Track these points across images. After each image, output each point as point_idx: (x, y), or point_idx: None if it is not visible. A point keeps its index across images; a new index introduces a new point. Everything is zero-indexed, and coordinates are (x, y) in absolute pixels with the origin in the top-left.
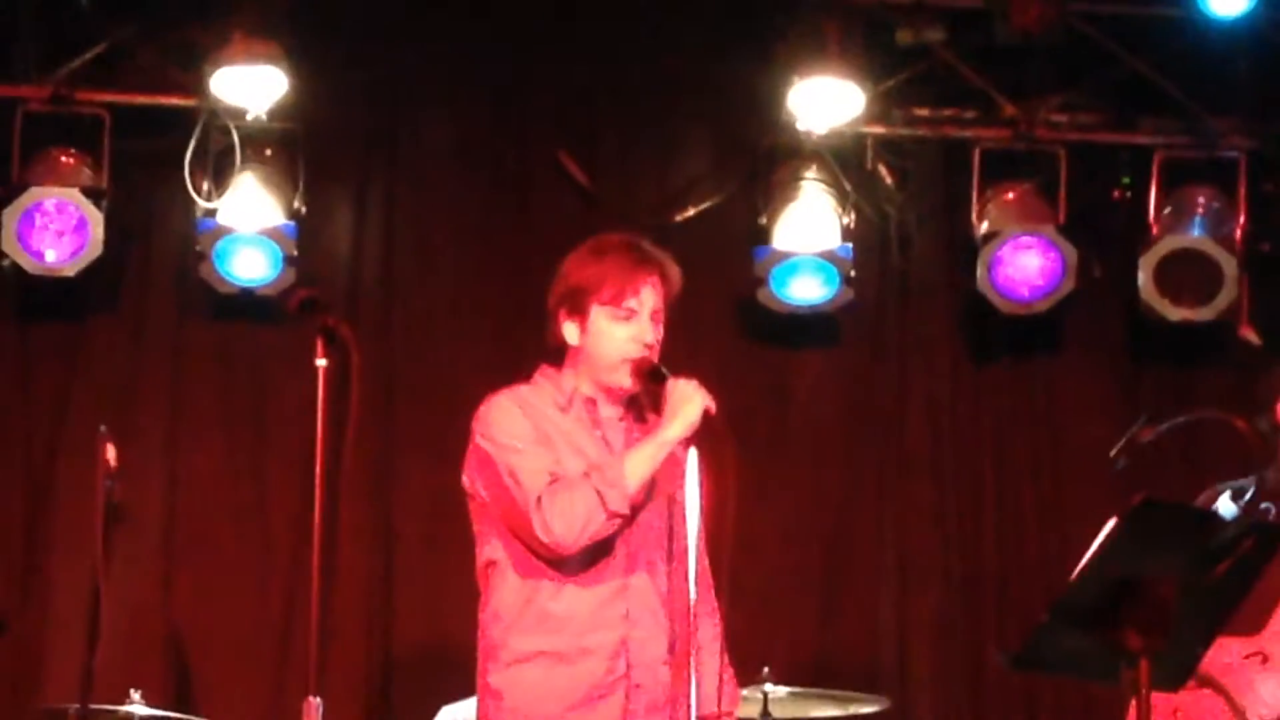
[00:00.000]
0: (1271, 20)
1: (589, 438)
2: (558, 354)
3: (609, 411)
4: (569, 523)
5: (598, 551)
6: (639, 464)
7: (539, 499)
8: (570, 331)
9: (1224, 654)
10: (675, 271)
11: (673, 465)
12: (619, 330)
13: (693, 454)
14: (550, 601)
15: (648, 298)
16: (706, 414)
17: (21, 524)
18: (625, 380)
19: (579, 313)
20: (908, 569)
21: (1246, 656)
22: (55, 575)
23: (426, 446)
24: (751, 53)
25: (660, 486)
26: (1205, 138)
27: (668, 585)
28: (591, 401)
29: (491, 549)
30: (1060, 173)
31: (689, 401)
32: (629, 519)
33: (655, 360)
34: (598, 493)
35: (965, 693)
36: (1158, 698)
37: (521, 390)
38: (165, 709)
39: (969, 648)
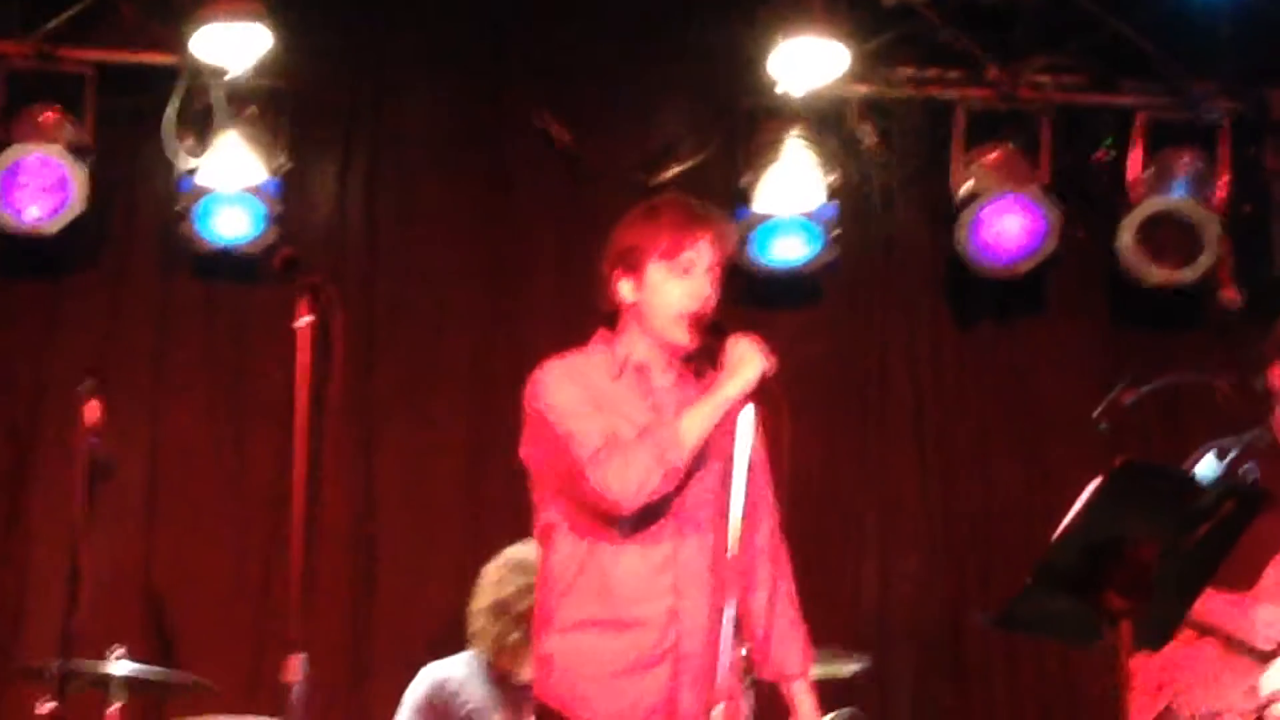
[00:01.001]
0: None
1: (640, 406)
2: (612, 318)
3: (662, 380)
4: (626, 479)
5: (651, 515)
6: (696, 421)
7: (596, 456)
8: (626, 289)
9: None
10: (730, 230)
11: (728, 429)
12: (676, 285)
13: (748, 412)
14: (603, 565)
15: (704, 252)
16: (764, 375)
17: (3, 481)
18: (683, 336)
19: (635, 270)
20: (888, 529)
21: None
22: (36, 532)
23: (408, 405)
24: (734, 13)
25: (714, 450)
26: (1188, 100)
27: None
28: (643, 369)
29: (548, 514)
30: (1043, 134)
31: (747, 361)
32: (686, 479)
33: (718, 319)
34: (655, 449)
35: (945, 652)
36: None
37: (573, 358)
38: (147, 665)
39: (949, 607)
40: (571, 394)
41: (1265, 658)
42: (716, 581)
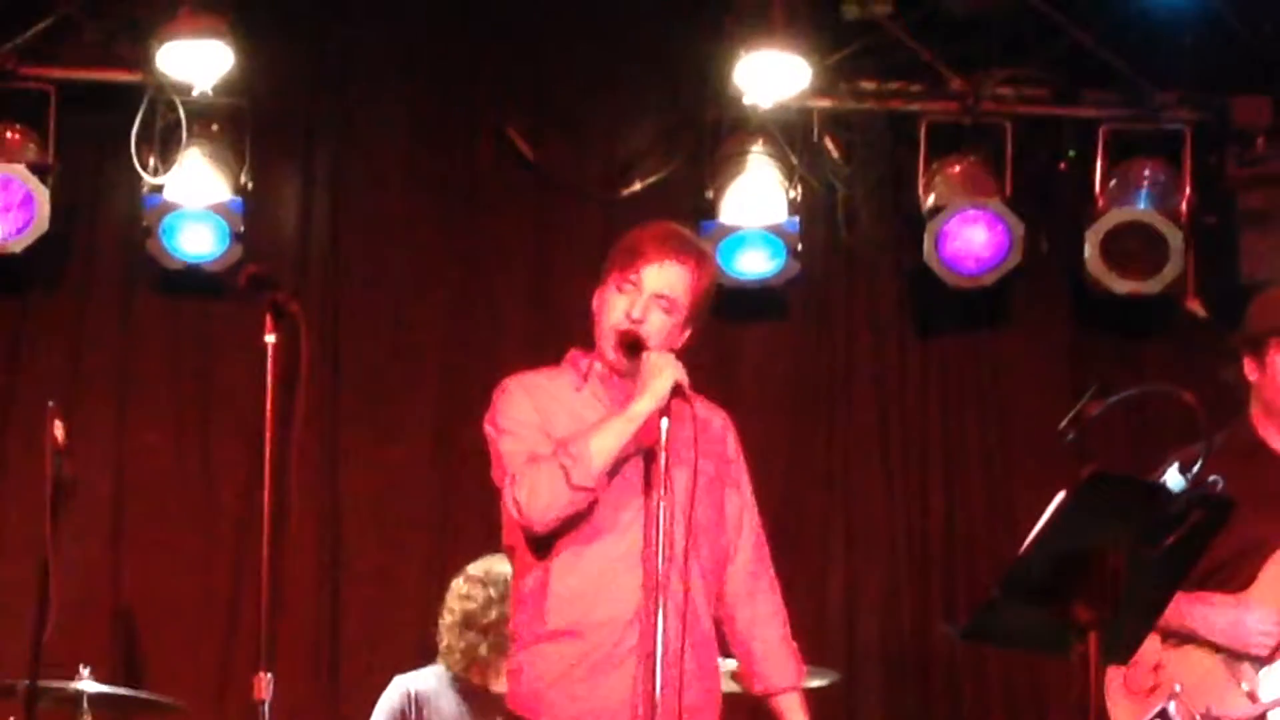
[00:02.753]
0: None
1: (601, 414)
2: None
3: (626, 388)
4: (535, 500)
5: (602, 528)
6: (606, 439)
7: (513, 478)
8: (596, 299)
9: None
10: (704, 272)
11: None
12: (618, 301)
13: (664, 425)
14: (562, 577)
15: (655, 278)
16: (678, 386)
17: None
18: (610, 352)
19: (603, 280)
20: (855, 543)
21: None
22: (3, 551)
23: (374, 422)
24: (698, 26)
25: (675, 454)
26: (1150, 110)
27: (684, 556)
28: (606, 377)
29: (510, 536)
30: (1006, 146)
31: (658, 374)
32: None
33: (640, 336)
34: (562, 468)
35: (913, 666)
36: (1144, 655)
37: (533, 375)
38: (115, 685)
39: (917, 621)
40: (518, 413)
41: (1260, 662)
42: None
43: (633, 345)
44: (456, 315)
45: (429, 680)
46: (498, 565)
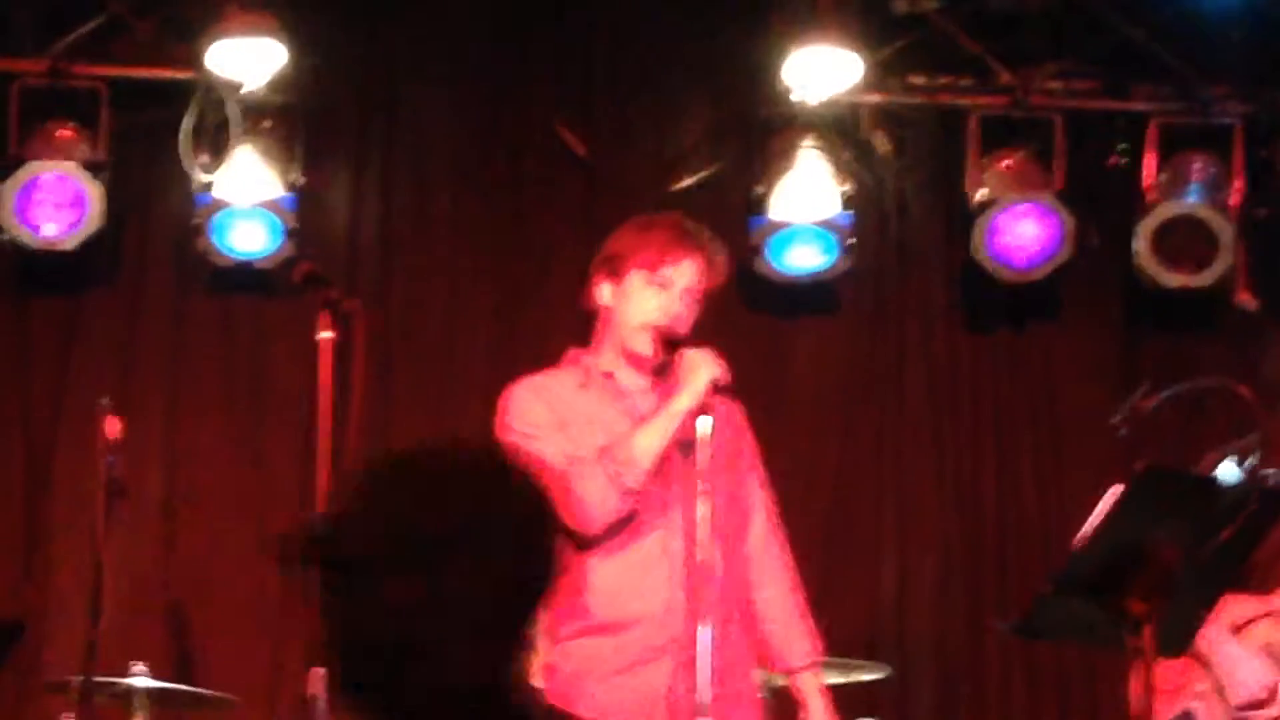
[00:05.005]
0: None
1: (612, 411)
2: (585, 331)
3: (636, 382)
4: (586, 507)
5: (633, 523)
6: (649, 438)
7: (558, 484)
8: (603, 292)
9: (1233, 613)
10: (721, 262)
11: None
12: (650, 297)
13: (704, 422)
14: (594, 575)
15: (685, 273)
16: (716, 383)
17: (22, 499)
18: (645, 347)
19: (616, 275)
20: (907, 537)
21: (1255, 618)
22: (56, 549)
23: (425, 417)
24: (747, 22)
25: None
26: (1201, 104)
27: (720, 551)
28: (610, 376)
29: None
30: (1056, 140)
31: (696, 371)
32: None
33: (678, 332)
34: (610, 474)
35: (966, 660)
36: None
37: (538, 377)
38: (168, 680)
39: (969, 614)
40: (534, 416)
41: None
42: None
43: (672, 342)
44: (507, 312)
45: None
46: None
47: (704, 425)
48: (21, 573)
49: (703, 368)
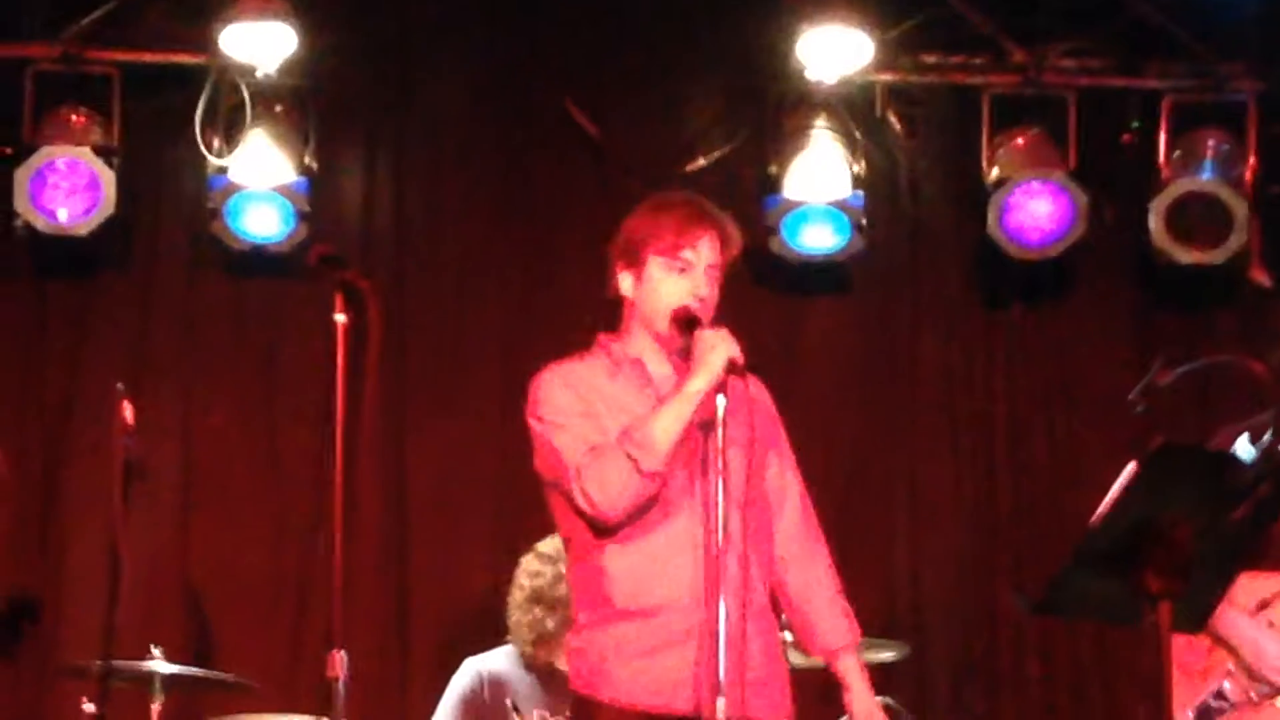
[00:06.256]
0: None
1: (639, 399)
2: (599, 311)
3: (663, 369)
4: (607, 492)
5: (658, 508)
6: (666, 421)
7: (578, 471)
8: (625, 283)
9: (1252, 591)
10: (735, 233)
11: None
12: (673, 282)
13: (720, 401)
14: (619, 562)
15: (704, 252)
16: (733, 363)
17: (39, 483)
18: (665, 329)
19: (635, 264)
20: (921, 515)
21: (1275, 595)
22: (73, 533)
23: (440, 399)
24: (759, 2)
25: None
26: (1213, 80)
27: (741, 532)
28: (638, 363)
29: (565, 524)
30: (1069, 118)
31: (712, 351)
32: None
33: (706, 314)
34: (630, 457)
35: (981, 637)
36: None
37: (568, 364)
38: (186, 664)
39: (984, 593)
40: (561, 404)
41: None
42: (741, 562)
43: (689, 322)
44: (520, 292)
45: (500, 661)
46: None
47: (720, 405)
48: (39, 558)
49: (719, 348)
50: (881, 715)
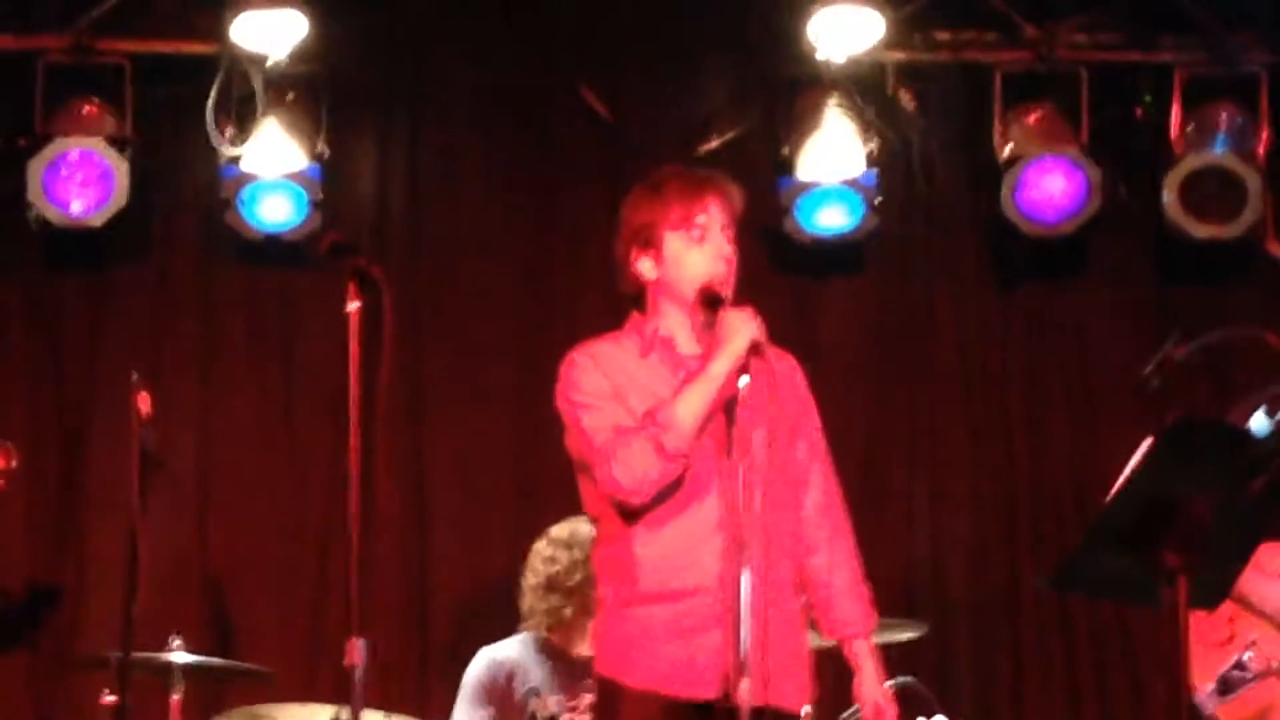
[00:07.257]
0: None
1: (671, 380)
2: (639, 300)
3: (692, 349)
4: (631, 474)
5: (684, 491)
6: (690, 401)
7: (603, 452)
8: (646, 267)
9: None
10: (735, 190)
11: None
12: (696, 253)
13: (742, 384)
14: (648, 544)
15: (715, 214)
16: (755, 344)
17: (56, 474)
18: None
19: (651, 245)
20: (939, 495)
21: None
22: (91, 524)
23: (455, 386)
24: None
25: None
26: (1226, 54)
27: (769, 515)
28: (668, 342)
29: (594, 509)
30: (1082, 94)
31: (735, 333)
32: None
33: (730, 280)
34: (653, 439)
35: (1001, 616)
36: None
37: (599, 344)
38: (206, 654)
39: (1004, 571)
40: (590, 386)
41: None
42: (769, 544)
43: (713, 301)
44: (535, 277)
45: (514, 649)
46: (582, 527)
47: (743, 386)
48: (58, 549)
49: (742, 329)
50: (890, 700)
